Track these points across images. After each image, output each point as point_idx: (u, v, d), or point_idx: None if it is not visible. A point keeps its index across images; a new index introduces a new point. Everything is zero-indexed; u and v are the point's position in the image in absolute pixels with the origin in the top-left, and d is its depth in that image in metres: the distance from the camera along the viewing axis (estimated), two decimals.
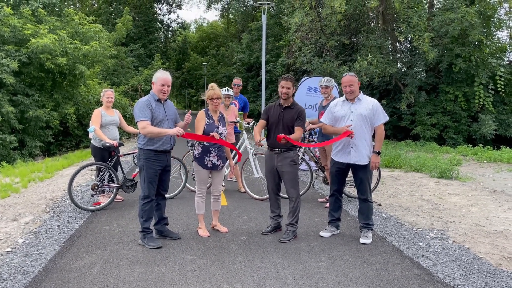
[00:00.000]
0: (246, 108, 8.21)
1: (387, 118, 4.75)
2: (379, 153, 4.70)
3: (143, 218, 4.55)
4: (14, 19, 14.58)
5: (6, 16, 14.32)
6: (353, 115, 4.69)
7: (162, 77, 4.51)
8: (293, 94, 4.93)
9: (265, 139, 5.00)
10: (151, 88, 4.62)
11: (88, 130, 6.34)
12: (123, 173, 6.37)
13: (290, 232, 4.83)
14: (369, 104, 4.70)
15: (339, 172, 4.88)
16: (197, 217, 5.09)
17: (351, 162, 4.72)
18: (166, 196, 6.84)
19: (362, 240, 4.74)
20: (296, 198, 4.82)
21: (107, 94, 6.38)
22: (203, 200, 4.98)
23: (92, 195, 6.21)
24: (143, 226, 4.57)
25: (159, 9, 41.35)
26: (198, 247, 4.50)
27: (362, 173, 4.72)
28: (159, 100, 4.56)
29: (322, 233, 5.00)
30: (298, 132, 4.75)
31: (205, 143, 4.76)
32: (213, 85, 4.83)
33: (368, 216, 4.82)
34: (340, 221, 5.10)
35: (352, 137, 4.61)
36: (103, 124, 6.24)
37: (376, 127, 4.73)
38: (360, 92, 4.79)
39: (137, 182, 6.11)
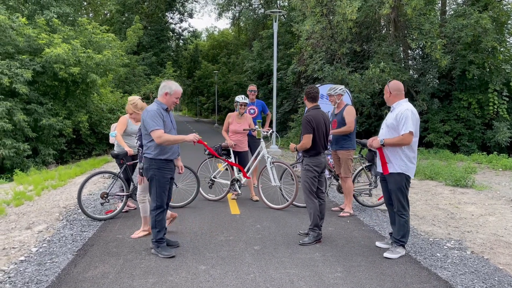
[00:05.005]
0: (265, 109, 8.43)
1: (407, 131, 4.32)
2: (383, 144, 4.47)
3: (157, 229, 4.49)
4: (29, 29, 14.84)
5: (21, 26, 14.58)
6: (383, 124, 4.66)
7: (178, 90, 4.59)
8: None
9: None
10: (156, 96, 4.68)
11: (110, 134, 6.36)
12: (132, 181, 6.37)
13: (310, 236, 4.98)
14: (397, 113, 4.44)
15: (382, 181, 4.75)
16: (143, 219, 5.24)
17: (381, 171, 4.61)
18: (178, 204, 6.85)
19: (385, 254, 4.50)
20: (306, 203, 5.08)
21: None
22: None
23: (102, 204, 6.21)
24: (156, 237, 4.52)
25: (171, 18, 41.69)
26: (211, 257, 4.45)
27: (391, 184, 4.52)
28: (166, 110, 4.56)
29: (378, 244, 4.89)
30: (302, 142, 5.06)
31: None
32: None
33: (398, 232, 4.53)
34: None
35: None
36: (128, 133, 6.21)
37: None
38: (397, 101, 4.54)
39: None
